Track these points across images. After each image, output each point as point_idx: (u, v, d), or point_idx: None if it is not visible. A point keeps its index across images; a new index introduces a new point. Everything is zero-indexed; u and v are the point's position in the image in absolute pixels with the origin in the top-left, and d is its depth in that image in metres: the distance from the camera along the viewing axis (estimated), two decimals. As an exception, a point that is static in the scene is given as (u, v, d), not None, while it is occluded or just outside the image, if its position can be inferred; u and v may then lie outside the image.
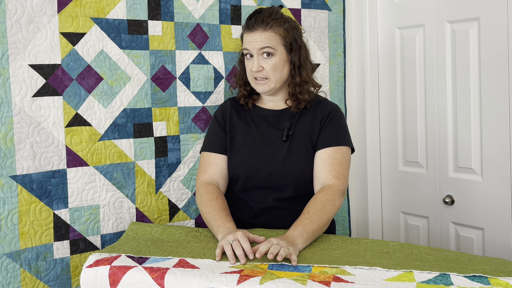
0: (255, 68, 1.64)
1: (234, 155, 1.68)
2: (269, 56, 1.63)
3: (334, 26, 2.24)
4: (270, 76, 1.64)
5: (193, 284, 1.21)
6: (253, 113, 1.74)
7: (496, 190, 1.88)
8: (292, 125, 1.66)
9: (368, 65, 2.27)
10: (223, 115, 1.77)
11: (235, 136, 1.71)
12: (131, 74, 1.78)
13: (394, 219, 2.27)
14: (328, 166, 1.60)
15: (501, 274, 1.19)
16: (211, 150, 1.72)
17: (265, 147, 1.65)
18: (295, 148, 1.63)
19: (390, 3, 2.21)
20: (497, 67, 1.84)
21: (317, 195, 1.55)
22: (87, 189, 1.71)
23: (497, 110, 1.86)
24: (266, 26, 1.63)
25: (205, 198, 1.60)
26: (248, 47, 1.65)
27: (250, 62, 1.67)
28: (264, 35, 1.63)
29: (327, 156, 1.61)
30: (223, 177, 1.71)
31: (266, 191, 1.63)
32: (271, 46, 1.63)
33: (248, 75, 1.70)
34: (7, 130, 1.56)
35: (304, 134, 1.65)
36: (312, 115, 1.68)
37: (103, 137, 1.74)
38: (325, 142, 1.63)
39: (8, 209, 1.57)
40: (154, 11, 1.82)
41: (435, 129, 2.08)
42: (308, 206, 1.52)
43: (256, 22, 1.64)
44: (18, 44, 1.57)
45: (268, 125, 1.70)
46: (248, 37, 1.66)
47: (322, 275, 1.21)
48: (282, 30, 1.65)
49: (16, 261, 1.58)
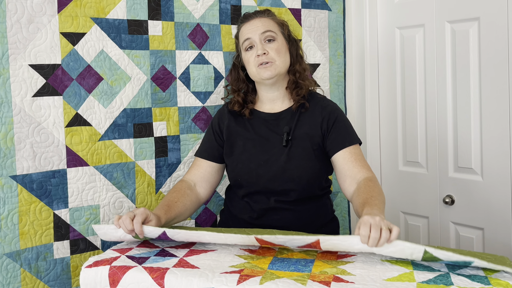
0: (260, 51, 1.61)
1: (235, 161, 1.67)
2: (270, 41, 1.64)
3: (334, 26, 2.24)
4: (275, 59, 1.63)
5: (193, 284, 1.21)
6: (251, 117, 1.72)
7: (496, 190, 1.88)
8: (291, 128, 1.65)
9: (368, 65, 2.27)
10: (219, 122, 1.74)
11: (235, 142, 1.69)
12: (131, 74, 1.78)
13: (394, 219, 2.27)
14: (354, 163, 1.59)
15: (505, 264, 1.20)
16: (200, 156, 1.74)
17: (265, 153, 1.63)
18: (295, 152, 1.61)
19: (390, 3, 2.21)
20: (497, 67, 1.84)
21: (367, 184, 1.50)
22: (87, 189, 1.71)
23: (497, 110, 1.86)
24: (264, 14, 1.69)
25: (169, 191, 1.67)
26: (250, 35, 1.65)
27: (253, 51, 1.65)
28: (264, 21, 1.66)
29: (348, 155, 1.60)
30: (204, 180, 1.71)
31: (269, 195, 1.63)
32: (273, 30, 1.66)
33: (250, 66, 1.66)
34: (7, 130, 1.56)
35: (304, 137, 1.63)
36: (311, 115, 1.67)
37: (103, 137, 1.74)
38: (338, 145, 1.61)
39: (8, 209, 1.57)
40: (154, 11, 1.82)
41: (435, 129, 2.08)
42: (368, 191, 1.46)
43: (255, 13, 1.69)
44: (18, 44, 1.57)
45: (267, 129, 1.67)
46: (247, 26, 1.67)
47: (322, 275, 1.21)
48: (279, 21, 1.71)
49: (16, 261, 1.58)
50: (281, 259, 1.33)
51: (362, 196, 1.46)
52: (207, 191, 1.72)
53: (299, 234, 1.37)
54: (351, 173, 1.58)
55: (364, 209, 1.37)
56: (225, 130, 1.71)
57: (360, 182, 1.54)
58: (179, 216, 1.60)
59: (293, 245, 1.32)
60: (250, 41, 1.65)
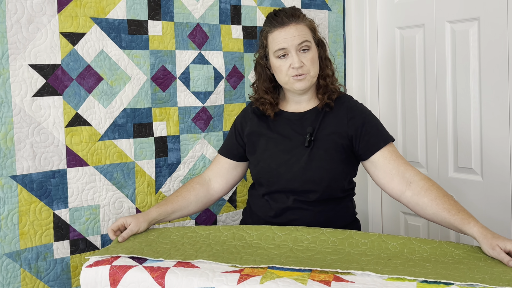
0: (297, 64, 1.55)
1: (256, 160, 1.66)
2: (305, 51, 1.59)
3: (334, 26, 2.24)
4: (310, 71, 1.59)
5: (194, 283, 1.21)
6: (276, 116, 1.69)
7: (496, 190, 1.88)
8: (315, 129, 1.61)
9: (368, 65, 2.27)
10: (242, 122, 1.75)
11: (257, 141, 1.68)
12: (131, 74, 1.78)
13: (394, 219, 2.27)
14: (396, 161, 1.57)
15: (501, 283, 1.15)
16: (220, 152, 1.79)
17: (287, 153, 1.61)
18: (317, 153, 1.58)
19: (390, 3, 2.21)
20: (497, 67, 1.84)
21: (432, 188, 1.50)
22: (87, 189, 1.71)
23: (497, 110, 1.86)
24: (298, 19, 1.59)
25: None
26: (285, 45, 1.57)
27: (287, 60, 1.58)
28: (300, 29, 1.58)
29: (387, 154, 1.58)
30: (220, 176, 1.76)
31: (289, 194, 1.61)
32: (308, 39, 1.59)
33: (282, 75, 1.60)
34: (7, 130, 1.56)
35: (327, 139, 1.60)
36: (336, 116, 1.63)
37: (103, 137, 1.74)
38: (373, 146, 1.59)
39: (8, 209, 1.57)
40: (154, 11, 1.82)
41: (435, 129, 2.08)
42: (442, 199, 1.47)
43: (287, 17, 1.58)
44: (18, 44, 1.57)
45: (291, 129, 1.65)
46: (282, 33, 1.57)
47: (322, 274, 1.21)
48: (310, 24, 1.63)
49: (16, 261, 1.58)
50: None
51: (448, 203, 1.46)
52: (222, 186, 1.75)
53: (330, 230, 1.44)
54: (398, 171, 1.56)
55: (470, 224, 1.39)
56: (248, 130, 1.71)
57: (424, 183, 1.51)
58: (180, 210, 1.66)
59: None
60: (284, 51, 1.58)
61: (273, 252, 1.39)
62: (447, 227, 1.46)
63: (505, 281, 1.16)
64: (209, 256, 1.35)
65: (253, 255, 1.37)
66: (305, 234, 1.46)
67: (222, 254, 1.37)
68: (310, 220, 1.57)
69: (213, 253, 1.38)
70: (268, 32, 1.62)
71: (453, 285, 1.14)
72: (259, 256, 1.36)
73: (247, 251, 1.40)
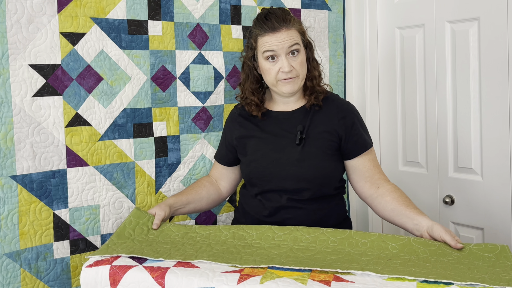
0: (287, 68, 1.57)
1: (248, 160, 1.68)
2: (294, 54, 1.59)
3: (334, 26, 2.24)
4: (299, 74, 1.61)
5: (194, 283, 1.21)
6: (264, 116, 1.70)
7: (496, 190, 1.88)
8: (305, 127, 1.63)
9: (368, 65, 2.28)
10: (230, 127, 1.76)
11: (248, 142, 1.69)
12: (131, 74, 1.78)
13: (394, 219, 2.27)
14: (373, 169, 1.67)
15: (501, 283, 1.15)
16: (216, 159, 1.85)
17: (278, 151, 1.62)
18: (309, 151, 1.60)
19: (390, 3, 2.21)
20: (497, 67, 1.84)
21: (395, 191, 1.61)
22: (87, 189, 1.71)
23: (497, 110, 1.86)
24: (289, 24, 1.59)
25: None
26: (275, 48, 1.57)
27: (277, 63, 1.59)
28: (290, 33, 1.58)
29: (367, 161, 1.66)
30: (222, 179, 1.83)
31: (281, 193, 1.62)
32: (298, 42, 1.60)
33: (271, 78, 1.61)
34: (7, 130, 1.56)
35: (318, 137, 1.62)
36: (326, 115, 1.65)
37: (103, 137, 1.74)
38: (358, 150, 1.65)
39: (8, 209, 1.57)
40: (154, 11, 1.82)
41: (435, 129, 2.08)
42: (403, 198, 1.59)
43: (278, 22, 1.58)
44: (18, 44, 1.57)
45: (280, 128, 1.66)
46: (272, 38, 1.57)
47: (322, 274, 1.21)
48: (300, 27, 1.64)
49: (16, 261, 1.58)
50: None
51: (403, 202, 1.58)
52: (227, 186, 1.84)
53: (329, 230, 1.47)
54: (372, 178, 1.66)
55: (417, 216, 1.52)
56: (237, 134, 1.72)
57: (389, 188, 1.62)
58: (194, 202, 1.74)
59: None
60: (273, 53, 1.59)
61: (273, 252, 1.40)
62: (401, 225, 1.56)
63: (505, 281, 1.16)
64: (209, 256, 1.35)
65: (253, 255, 1.37)
66: (305, 234, 1.46)
67: (222, 254, 1.38)
68: (305, 218, 1.58)
69: (213, 253, 1.38)
70: (259, 35, 1.61)
71: (453, 285, 1.14)
72: (259, 256, 1.36)
73: (247, 251, 1.41)
